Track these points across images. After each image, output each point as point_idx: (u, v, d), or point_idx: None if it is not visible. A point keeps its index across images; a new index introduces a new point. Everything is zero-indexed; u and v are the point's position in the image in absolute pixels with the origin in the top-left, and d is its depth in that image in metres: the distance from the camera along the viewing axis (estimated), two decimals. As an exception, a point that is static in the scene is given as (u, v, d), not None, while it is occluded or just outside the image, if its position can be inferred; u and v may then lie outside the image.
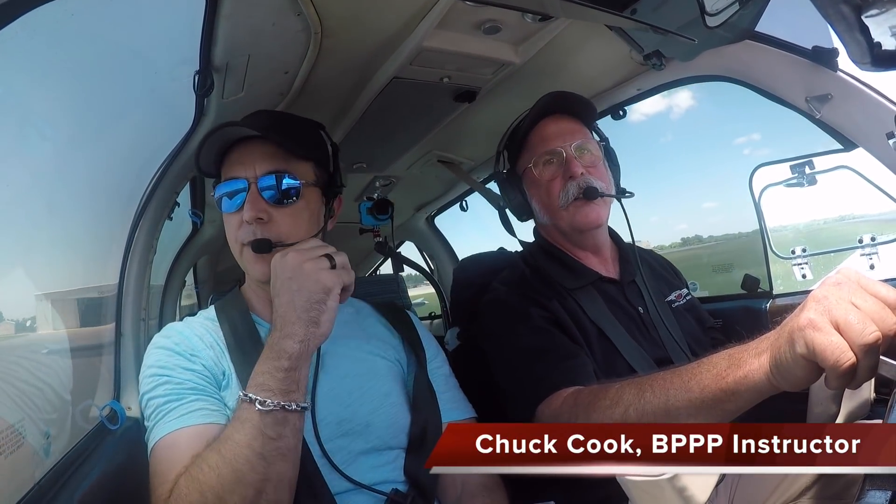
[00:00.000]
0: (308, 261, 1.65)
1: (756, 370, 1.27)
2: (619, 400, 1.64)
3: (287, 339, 1.56)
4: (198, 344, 1.83)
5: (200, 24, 1.99)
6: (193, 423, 1.64)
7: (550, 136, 2.32)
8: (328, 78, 2.49)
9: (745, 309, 2.95)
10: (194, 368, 1.76)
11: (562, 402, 1.86)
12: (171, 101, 2.64)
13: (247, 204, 1.83)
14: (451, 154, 3.88)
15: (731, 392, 1.33)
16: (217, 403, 1.72)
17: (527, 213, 2.49)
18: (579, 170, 2.25)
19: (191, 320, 1.98)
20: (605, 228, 2.43)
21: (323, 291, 1.62)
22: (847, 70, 2.18)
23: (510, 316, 2.18)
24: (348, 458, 1.79)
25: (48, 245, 2.43)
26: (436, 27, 2.19)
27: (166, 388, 1.71)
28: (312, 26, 2.06)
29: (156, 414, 1.69)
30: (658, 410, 1.53)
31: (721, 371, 1.36)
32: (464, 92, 2.81)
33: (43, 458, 1.78)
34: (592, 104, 2.50)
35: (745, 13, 2.02)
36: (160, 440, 1.64)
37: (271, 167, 1.85)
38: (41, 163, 2.25)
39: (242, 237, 1.85)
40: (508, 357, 2.14)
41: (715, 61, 2.49)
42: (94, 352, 2.56)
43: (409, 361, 2.12)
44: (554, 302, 2.19)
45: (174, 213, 2.95)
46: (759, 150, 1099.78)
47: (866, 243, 2.77)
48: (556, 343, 2.07)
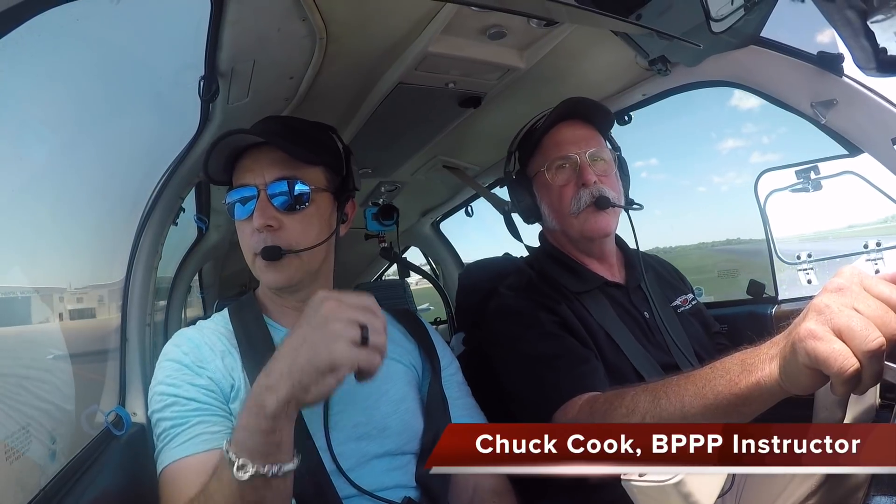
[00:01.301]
0: (338, 321, 1.37)
1: (767, 376, 1.26)
2: (635, 408, 1.64)
3: (269, 393, 1.35)
4: (207, 354, 1.83)
5: (206, 29, 1.99)
6: (194, 451, 1.64)
7: (565, 142, 2.33)
8: (333, 83, 2.50)
9: (751, 314, 2.95)
10: (200, 384, 1.75)
11: (578, 410, 1.86)
12: (177, 107, 2.65)
13: (256, 211, 1.84)
14: (456, 159, 3.88)
15: (745, 398, 1.32)
16: (222, 422, 1.72)
17: (535, 217, 2.48)
18: (592, 178, 2.25)
19: (203, 325, 1.99)
20: (612, 237, 2.43)
21: (328, 366, 1.33)
22: (852, 75, 2.17)
23: (519, 322, 2.18)
24: (362, 461, 1.80)
25: (53, 250, 2.43)
26: (441, 32, 2.18)
27: (173, 411, 1.71)
28: (318, 32, 2.06)
29: (163, 436, 1.70)
30: (674, 417, 1.53)
31: (734, 377, 1.35)
32: (469, 97, 2.80)
33: (48, 463, 1.78)
34: (610, 113, 2.50)
35: (750, 18, 2.02)
36: (164, 470, 1.66)
37: (280, 174, 1.86)
38: (45, 168, 2.25)
39: (254, 245, 1.86)
40: (519, 364, 2.13)
41: (720, 66, 2.48)
42: (99, 357, 2.56)
43: (424, 368, 2.13)
44: (562, 305, 2.19)
45: (179, 219, 2.94)
46: (656, 175, 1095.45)
47: (871, 248, 2.76)
48: (568, 348, 2.07)
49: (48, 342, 2.27)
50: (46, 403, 2.01)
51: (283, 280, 1.89)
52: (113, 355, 2.52)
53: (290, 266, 1.88)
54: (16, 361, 2.04)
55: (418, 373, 2.11)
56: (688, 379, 1.52)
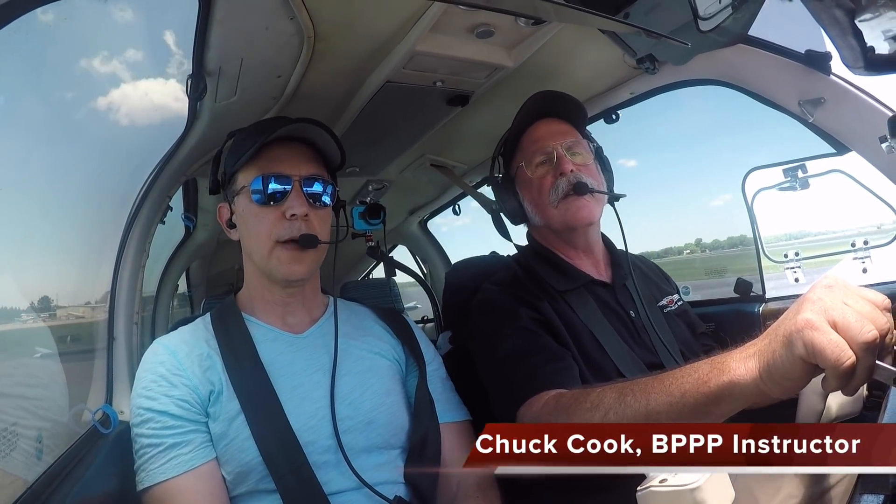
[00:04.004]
0: None
1: (743, 375, 1.24)
2: (599, 403, 1.63)
3: None
4: (185, 361, 1.86)
5: (194, 28, 1.99)
6: (170, 475, 1.71)
7: (542, 137, 2.34)
8: (321, 82, 2.50)
9: (738, 312, 2.95)
10: (176, 395, 1.80)
11: (542, 405, 1.86)
12: (165, 105, 2.64)
13: (293, 200, 1.89)
14: (443, 158, 3.88)
15: (715, 397, 1.31)
16: (194, 439, 1.78)
17: (520, 216, 2.48)
18: (569, 166, 2.26)
19: (185, 330, 2.01)
20: (597, 229, 2.43)
21: None
22: (840, 74, 2.18)
23: (498, 317, 2.18)
24: (350, 455, 1.81)
25: (40, 248, 2.42)
26: (429, 31, 2.19)
27: (149, 428, 1.77)
28: (305, 30, 2.06)
29: (140, 453, 1.77)
30: (638, 415, 1.51)
31: (703, 376, 1.34)
32: (457, 96, 2.81)
33: (35, 461, 1.78)
34: (582, 105, 2.49)
35: (738, 17, 2.02)
36: (144, 494, 1.73)
37: (315, 171, 1.96)
38: (32, 166, 2.25)
39: (281, 233, 1.88)
40: (493, 358, 2.13)
41: (708, 65, 2.49)
42: (86, 355, 2.56)
43: (408, 363, 2.15)
44: (544, 303, 2.19)
45: (167, 217, 2.94)
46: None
47: (859, 247, 2.77)
48: (543, 345, 2.07)
49: (34, 341, 2.27)
50: (33, 401, 2.01)
51: (304, 271, 1.93)
52: (100, 354, 2.52)
53: (312, 258, 1.94)
54: (3, 358, 2.04)
55: (402, 367, 2.14)
56: (656, 378, 1.51)
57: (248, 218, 1.94)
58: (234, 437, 1.77)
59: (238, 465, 1.75)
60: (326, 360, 1.94)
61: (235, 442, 1.76)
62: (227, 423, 1.78)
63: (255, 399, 1.80)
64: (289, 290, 2.00)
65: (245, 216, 1.95)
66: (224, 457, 1.78)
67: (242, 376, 1.82)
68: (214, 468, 1.77)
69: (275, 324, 2.01)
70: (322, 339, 2.00)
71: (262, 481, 1.74)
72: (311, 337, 2.02)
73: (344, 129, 2.99)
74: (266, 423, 1.77)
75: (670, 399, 1.42)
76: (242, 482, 1.76)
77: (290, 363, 1.92)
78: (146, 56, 2.60)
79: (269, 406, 1.79)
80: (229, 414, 1.78)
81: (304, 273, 1.93)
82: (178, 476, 1.71)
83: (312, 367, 1.93)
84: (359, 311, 2.25)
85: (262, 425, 1.76)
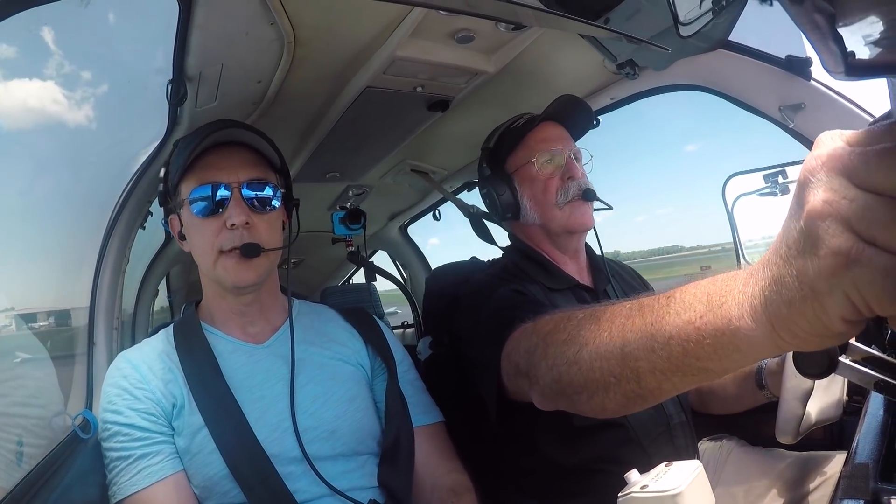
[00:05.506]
0: None
1: (738, 317, 0.89)
2: (575, 337, 1.39)
3: None
4: (147, 375, 1.87)
5: (174, 33, 1.98)
6: (141, 486, 1.73)
7: (552, 138, 2.35)
8: (301, 87, 2.49)
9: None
10: (141, 408, 1.81)
11: (522, 332, 1.75)
12: (145, 110, 2.63)
13: (232, 209, 1.85)
14: (424, 163, 3.89)
15: (708, 347, 0.97)
16: (162, 449, 1.79)
17: (512, 212, 2.44)
18: (579, 172, 2.30)
19: (148, 343, 2.01)
20: (585, 236, 2.45)
21: None
22: (820, 79, 2.19)
23: (484, 292, 2.17)
24: (317, 463, 1.80)
25: (20, 254, 2.41)
26: (409, 36, 2.19)
27: (117, 441, 1.79)
28: (286, 36, 2.06)
29: (111, 466, 1.79)
30: (613, 356, 1.23)
31: (693, 317, 0.99)
32: (437, 101, 2.81)
33: (15, 467, 1.77)
34: (591, 121, 2.51)
35: (718, 23, 2.03)
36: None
37: (254, 174, 1.90)
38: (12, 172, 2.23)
39: (223, 243, 1.86)
40: (478, 319, 2.07)
41: (689, 70, 2.50)
42: (67, 361, 2.55)
43: (374, 367, 2.14)
44: (535, 287, 2.22)
45: (147, 222, 2.92)
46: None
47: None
48: (528, 300, 2.07)
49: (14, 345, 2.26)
50: (13, 407, 2.00)
51: (254, 277, 1.90)
52: (80, 359, 2.51)
53: (261, 265, 1.90)
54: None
55: (367, 371, 2.12)
56: (641, 309, 1.18)
57: (192, 230, 1.93)
58: (199, 451, 1.77)
59: (204, 478, 1.76)
60: (286, 370, 1.93)
61: (200, 456, 1.77)
62: (191, 437, 1.78)
63: (218, 412, 1.80)
64: (243, 298, 1.98)
65: (189, 228, 1.94)
66: (190, 470, 1.79)
67: (204, 390, 1.83)
68: (184, 479, 1.78)
69: (235, 334, 2.00)
70: (283, 349, 1.98)
71: (229, 494, 1.75)
72: (272, 346, 2.01)
73: (324, 134, 2.98)
74: (230, 436, 1.77)
75: (653, 343, 1.10)
76: (210, 496, 1.77)
77: (251, 375, 1.92)
78: (125, 61, 2.60)
79: (232, 419, 1.79)
80: (192, 428, 1.79)
81: (254, 279, 1.90)
82: (148, 487, 1.73)
83: (273, 378, 1.92)
84: (322, 313, 2.24)
85: (226, 438, 1.76)
